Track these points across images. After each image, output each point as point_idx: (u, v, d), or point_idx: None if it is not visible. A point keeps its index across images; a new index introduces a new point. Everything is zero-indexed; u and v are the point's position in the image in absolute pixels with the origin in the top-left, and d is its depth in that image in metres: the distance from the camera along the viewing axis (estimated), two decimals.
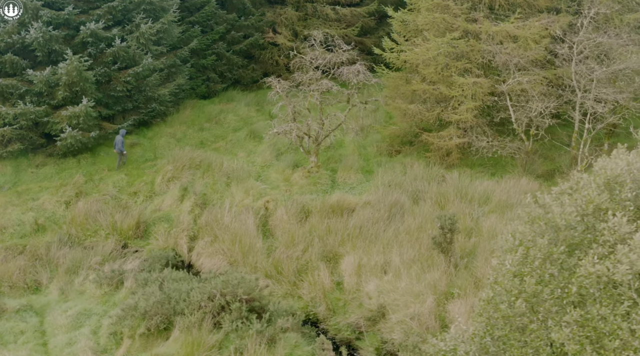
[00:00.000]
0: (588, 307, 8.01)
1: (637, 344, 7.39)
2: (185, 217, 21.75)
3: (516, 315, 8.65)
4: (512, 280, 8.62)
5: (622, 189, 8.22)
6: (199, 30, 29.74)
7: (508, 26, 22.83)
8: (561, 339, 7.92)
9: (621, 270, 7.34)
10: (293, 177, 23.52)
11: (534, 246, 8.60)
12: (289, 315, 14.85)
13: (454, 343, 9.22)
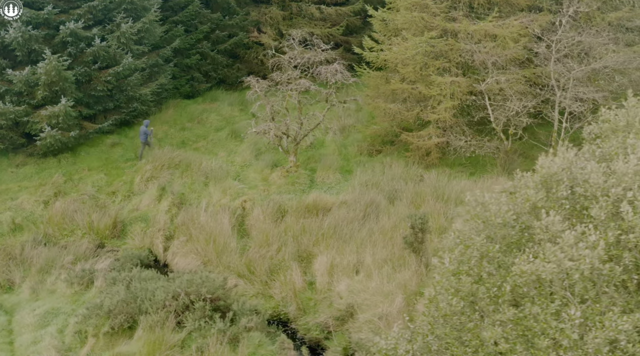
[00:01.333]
0: (522, 306, 7.96)
1: (567, 343, 7.32)
2: (162, 216, 21.73)
3: (454, 313, 8.59)
4: (450, 278, 8.56)
5: (558, 188, 8.16)
6: (182, 29, 29.71)
7: (487, 25, 22.76)
8: (493, 338, 7.86)
9: (548, 269, 7.28)
10: (271, 177, 23.49)
11: (472, 244, 8.55)
12: (253, 314, 14.79)
13: (395, 342, 9.16)
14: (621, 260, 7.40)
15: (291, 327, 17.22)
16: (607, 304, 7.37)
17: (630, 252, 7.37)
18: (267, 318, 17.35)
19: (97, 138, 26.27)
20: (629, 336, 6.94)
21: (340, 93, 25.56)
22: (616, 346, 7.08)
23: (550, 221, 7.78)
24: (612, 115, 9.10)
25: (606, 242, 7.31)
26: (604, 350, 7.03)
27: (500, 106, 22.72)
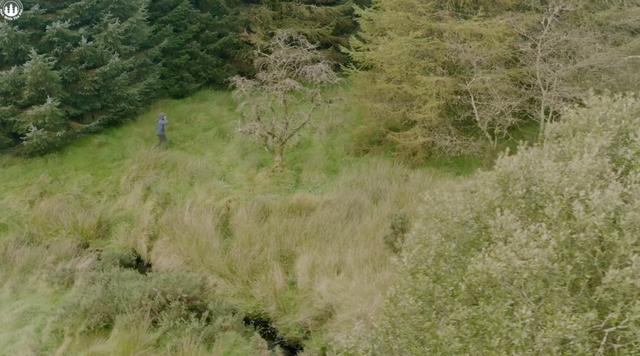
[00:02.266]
0: (477, 305, 7.93)
1: (517, 342, 7.29)
2: (147, 216, 21.73)
3: (412, 313, 8.56)
4: (407, 277, 8.54)
5: (515, 186, 8.13)
6: (171, 29, 29.69)
7: (473, 24, 22.71)
8: (447, 337, 7.84)
9: (497, 268, 7.25)
10: (257, 177, 23.48)
11: (430, 244, 8.52)
12: (229, 313, 14.77)
13: (355, 341, 9.13)
14: (573, 259, 7.37)
15: (271, 327, 17.22)
16: (559, 303, 7.34)
17: (582, 251, 7.34)
18: (248, 318, 17.41)
19: (84, 138, 26.26)
20: (578, 336, 6.90)
21: (328, 93, 25.53)
22: (567, 346, 7.04)
23: (504, 220, 7.74)
24: (573, 114, 9.06)
25: (557, 241, 7.27)
26: (554, 349, 6.99)
27: (485, 106, 22.67)
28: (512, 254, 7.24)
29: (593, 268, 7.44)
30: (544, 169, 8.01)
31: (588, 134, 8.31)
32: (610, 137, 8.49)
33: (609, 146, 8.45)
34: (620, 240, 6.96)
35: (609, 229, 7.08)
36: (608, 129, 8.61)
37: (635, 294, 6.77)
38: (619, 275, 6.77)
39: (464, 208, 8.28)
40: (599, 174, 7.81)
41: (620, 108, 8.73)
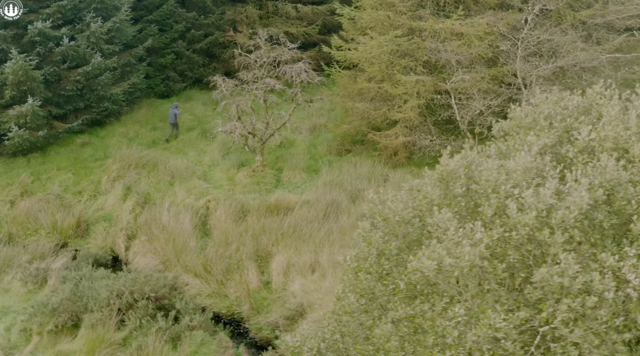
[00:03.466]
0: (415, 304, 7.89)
1: (451, 341, 7.25)
2: (126, 216, 21.70)
3: (353, 311, 8.53)
4: (349, 276, 8.50)
5: (455, 185, 8.09)
6: (156, 29, 29.67)
7: (453, 23, 22.64)
8: (384, 335, 7.80)
9: (428, 266, 7.21)
10: (237, 176, 23.45)
11: (372, 242, 8.48)
12: (196, 313, 14.74)
13: (301, 340, 9.10)
14: (506, 258, 7.32)
15: (244, 326, 17.20)
16: (493, 302, 7.30)
17: (517, 250, 7.29)
18: (222, 317, 17.41)
19: (67, 138, 26.26)
20: (508, 335, 6.85)
21: (314, 92, 25.47)
22: (498, 345, 7.00)
23: (440, 218, 7.70)
24: (519, 112, 9.01)
25: (491, 239, 7.22)
26: (484, 348, 6.95)
27: (465, 105, 22.62)
28: (443, 252, 7.19)
29: (529, 267, 7.40)
30: (483, 167, 7.97)
31: (531, 132, 8.26)
32: (555, 135, 8.44)
33: (553, 144, 8.41)
34: (551, 238, 6.91)
35: (540, 227, 7.03)
36: (553, 127, 8.56)
37: (564, 293, 6.72)
38: (547, 273, 6.72)
39: (404, 207, 8.24)
40: (537, 172, 7.76)
41: (566, 107, 8.68)
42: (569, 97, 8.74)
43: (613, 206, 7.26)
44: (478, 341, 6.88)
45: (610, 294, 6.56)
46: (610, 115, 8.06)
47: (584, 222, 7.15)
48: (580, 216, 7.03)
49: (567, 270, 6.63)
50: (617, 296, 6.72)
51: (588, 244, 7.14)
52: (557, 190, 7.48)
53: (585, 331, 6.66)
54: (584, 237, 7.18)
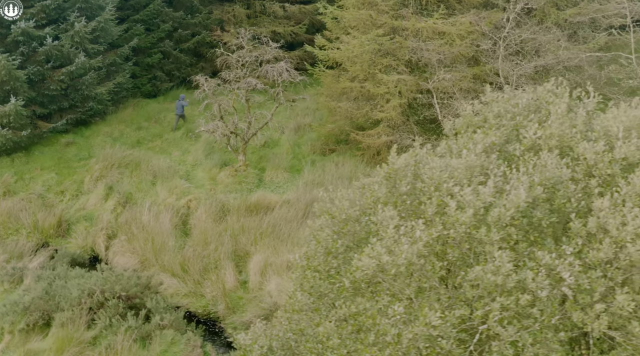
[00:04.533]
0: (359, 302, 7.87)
1: (390, 339, 7.22)
2: (107, 215, 21.70)
3: (302, 309, 8.51)
4: (298, 274, 8.49)
5: (401, 183, 8.07)
6: (142, 28, 29.66)
7: (436, 22, 22.59)
8: (327, 333, 7.78)
9: (367, 264, 7.18)
10: (219, 176, 23.43)
11: (320, 240, 8.47)
12: (167, 312, 14.73)
13: (253, 338, 9.09)
14: (446, 256, 7.30)
15: (219, 326, 17.19)
16: (434, 300, 7.27)
17: (455, 248, 7.26)
18: (198, 317, 17.41)
19: (52, 138, 26.29)
20: (444, 333, 6.83)
21: (294, 91, 25.44)
22: (435, 343, 6.97)
23: (383, 216, 7.68)
24: (469, 109, 8.98)
25: (430, 237, 7.20)
26: (421, 346, 6.92)
27: (447, 104, 22.58)
28: (382, 250, 7.17)
29: (470, 266, 7.37)
30: (430, 166, 7.95)
31: (479, 131, 8.23)
32: (504, 133, 8.42)
33: (502, 142, 8.38)
34: (487, 236, 6.89)
35: (478, 226, 7.00)
36: (503, 125, 8.53)
37: (498, 291, 6.69)
38: (482, 271, 6.70)
39: (350, 205, 8.22)
40: (481, 170, 7.74)
41: (516, 105, 8.65)
42: (520, 95, 8.72)
43: (553, 204, 7.23)
44: (415, 339, 6.85)
45: (544, 293, 6.53)
46: (557, 113, 8.03)
47: (523, 220, 7.12)
48: (518, 214, 7.00)
49: (501, 268, 6.60)
50: (553, 295, 6.69)
51: (527, 242, 7.11)
52: (499, 189, 7.46)
53: (519, 329, 6.63)
54: (523, 235, 7.15)
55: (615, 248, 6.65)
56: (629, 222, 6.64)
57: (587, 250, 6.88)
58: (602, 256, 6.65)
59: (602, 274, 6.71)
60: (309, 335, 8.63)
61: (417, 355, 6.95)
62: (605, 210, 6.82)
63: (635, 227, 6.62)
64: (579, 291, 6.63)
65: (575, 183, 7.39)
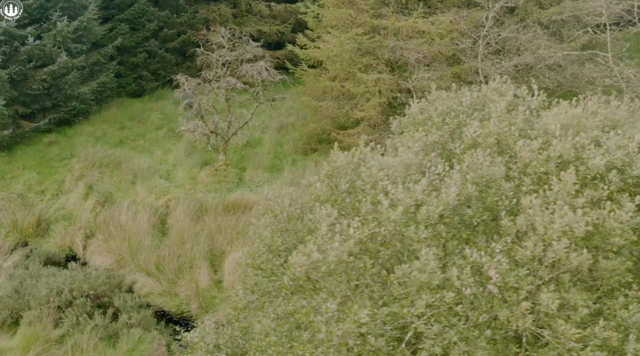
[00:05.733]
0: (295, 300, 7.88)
1: (324, 336, 7.22)
2: (86, 215, 21.73)
3: (246, 307, 8.52)
4: (240, 272, 8.50)
5: (340, 181, 8.07)
6: (126, 27, 29.65)
7: (416, 21, 22.57)
8: (264, 331, 7.79)
9: (299, 261, 7.19)
10: (199, 176, 23.44)
11: (262, 238, 8.47)
12: (134, 310, 14.74)
13: (200, 336, 9.10)
14: (379, 254, 7.29)
15: (192, 325, 17.18)
16: (368, 298, 7.27)
17: (385, 245, 7.25)
18: (172, 316, 17.44)
19: (35, 137, 26.32)
20: (372, 330, 6.83)
21: (276, 91, 25.41)
22: (365, 341, 6.97)
23: (320, 214, 7.68)
24: (414, 108, 8.98)
25: (362, 235, 7.20)
26: (351, 343, 6.92)
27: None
28: (314, 248, 7.18)
29: (404, 263, 7.36)
30: (369, 164, 7.95)
31: (420, 129, 8.23)
32: (447, 131, 8.42)
33: (444, 141, 8.38)
34: (416, 234, 6.89)
35: (408, 223, 7.00)
36: (446, 124, 8.53)
37: (424, 289, 6.69)
38: (408, 269, 6.70)
39: (291, 203, 8.22)
40: (418, 168, 7.73)
41: (460, 103, 8.65)
42: (464, 93, 8.71)
43: (485, 202, 7.22)
44: (344, 337, 6.85)
45: (468, 290, 6.52)
46: (497, 111, 8.03)
47: (454, 218, 7.12)
48: (448, 212, 6.99)
49: (426, 265, 6.60)
50: (480, 293, 6.69)
51: (458, 240, 7.10)
52: (435, 187, 7.45)
53: (445, 327, 6.63)
54: (455, 233, 7.15)
55: (542, 246, 6.64)
56: (556, 220, 6.63)
57: (517, 247, 6.87)
58: (529, 254, 6.64)
59: (530, 272, 6.71)
60: (254, 332, 8.64)
61: (348, 352, 6.95)
62: (533, 208, 6.81)
63: (562, 225, 6.61)
64: (506, 289, 6.62)
65: (510, 181, 7.38)
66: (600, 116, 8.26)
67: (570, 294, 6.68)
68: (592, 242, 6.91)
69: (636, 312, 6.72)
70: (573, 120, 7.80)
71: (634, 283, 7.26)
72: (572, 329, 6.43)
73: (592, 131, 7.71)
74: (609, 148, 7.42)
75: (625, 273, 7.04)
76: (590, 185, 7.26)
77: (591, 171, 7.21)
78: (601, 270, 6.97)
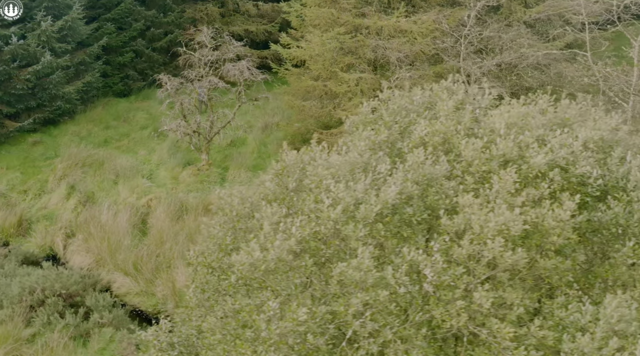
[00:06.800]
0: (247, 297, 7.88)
1: (266, 335, 7.21)
2: (68, 214, 21.76)
3: (198, 306, 8.53)
4: (191, 270, 8.50)
5: (287, 179, 8.07)
6: (112, 27, 29.64)
7: (399, 20, 22.57)
8: (210, 329, 7.80)
9: (239, 259, 7.19)
10: (182, 175, 23.46)
11: (213, 237, 8.48)
12: (106, 310, 14.75)
13: (155, 334, 9.09)
14: (320, 252, 7.29)
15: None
16: (307, 297, 7.27)
17: (326, 244, 7.25)
18: (149, 315, 17.47)
19: (19, 137, 26.34)
20: (311, 329, 6.83)
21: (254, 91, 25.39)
22: (305, 339, 6.97)
23: (265, 213, 7.68)
24: (365, 107, 8.98)
25: (303, 233, 7.19)
26: (290, 341, 6.92)
27: None
28: (256, 246, 7.18)
29: (345, 261, 7.36)
30: (316, 163, 7.95)
31: (368, 128, 8.23)
32: (397, 130, 8.42)
33: (394, 139, 8.38)
34: (354, 232, 6.88)
35: (347, 222, 7.00)
36: (397, 122, 8.53)
37: (360, 287, 6.68)
38: (345, 267, 6.70)
39: (240, 201, 8.22)
40: (364, 167, 7.73)
41: (412, 102, 8.64)
42: (416, 92, 8.70)
43: (426, 201, 7.22)
44: (283, 335, 6.85)
45: (402, 289, 6.52)
46: (444, 110, 8.03)
47: (394, 217, 7.12)
48: (387, 211, 6.99)
49: (362, 264, 6.60)
50: (416, 291, 6.68)
51: (398, 239, 7.10)
52: (379, 186, 7.45)
53: (383, 326, 6.63)
54: (396, 232, 7.14)
55: (476, 245, 6.63)
56: (492, 219, 6.63)
57: (455, 246, 6.86)
58: (464, 252, 6.64)
59: (466, 271, 6.70)
60: (203, 331, 8.64)
61: (289, 350, 6.95)
62: (470, 207, 6.81)
63: (497, 224, 6.60)
64: (442, 288, 6.62)
65: (453, 180, 7.38)
66: (550, 115, 8.26)
67: (507, 293, 6.68)
68: (530, 241, 6.91)
69: (574, 311, 6.72)
70: (519, 118, 7.80)
71: (575, 282, 7.27)
72: (507, 328, 6.42)
73: (538, 130, 7.70)
74: (553, 147, 7.41)
75: (565, 272, 7.04)
76: (532, 183, 7.26)
77: (533, 170, 7.20)
78: (541, 269, 6.96)
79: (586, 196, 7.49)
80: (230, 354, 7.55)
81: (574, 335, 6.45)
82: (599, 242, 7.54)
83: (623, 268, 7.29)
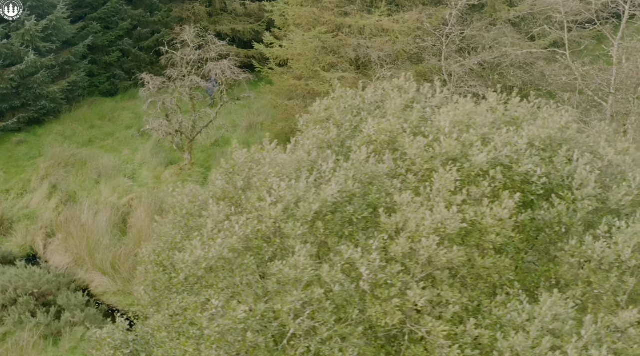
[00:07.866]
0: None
1: (210, 332, 7.22)
2: (49, 214, 21.78)
3: (149, 304, 8.55)
4: (141, 268, 8.51)
5: (236, 178, 8.09)
6: (98, 26, 29.62)
7: (381, 19, 22.57)
8: (156, 326, 7.81)
9: (181, 258, 7.20)
10: (164, 175, 23.46)
11: (163, 235, 8.49)
12: (77, 309, 14.76)
13: (109, 333, 9.11)
14: (262, 250, 7.30)
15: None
16: (249, 294, 7.29)
17: (267, 242, 7.27)
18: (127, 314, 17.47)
19: (3, 136, 26.34)
20: (250, 326, 6.84)
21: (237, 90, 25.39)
22: (245, 337, 6.99)
23: (212, 211, 7.69)
24: (317, 105, 8.99)
25: (245, 231, 7.21)
26: (230, 338, 6.94)
27: None
28: (198, 244, 7.19)
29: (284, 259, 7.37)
30: (264, 162, 7.96)
31: (317, 126, 8.24)
32: (348, 128, 8.43)
33: (344, 138, 8.39)
34: (293, 230, 6.90)
35: (287, 220, 7.01)
36: (347, 121, 8.54)
37: (296, 285, 6.70)
38: (282, 265, 6.71)
39: (190, 200, 8.24)
40: (309, 166, 7.75)
41: (363, 100, 8.66)
42: (367, 90, 8.72)
43: (367, 199, 7.23)
44: (223, 332, 6.87)
45: (337, 287, 6.53)
46: (392, 108, 8.04)
47: (336, 215, 7.13)
48: (327, 208, 7.00)
49: (298, 262, 6.61)
50: (352, 289, 6.70)
51: (339, 237, 7.11)
52: (322, 184, 7.46)
53: (322, 324, 6.64)
54: (338, 230, 7.16)
55: (412, 243, 6.64)
56: (428, 217, 6.64)
57: (393, 244, 6.87)
58: (400, 250, 6.65)
59: (403, 269, 6.71)
60: (156, 328, 8.65)
61: (229, 347, 6.97)
62: (407, 205, 6.82)
63: (433, 222, 6.61)
64: (378, 286, 6.63)
65: (396, 179, 7.39)
66: (499, 113, 8.27)
67: (444, 291, 6.69)
68: (469, 240, 6.92)
69: (512, 310, 6.72)
70: (464, 117, 7.80)
71: (518, 281, 7.28)
72: (441, 326, 6.43)
73: (483, 128, 7.71)
74: (497, 145, 7.42)
75: (506, 271, 7.05)
76: (474, 182, 7.27)
77: (475, 168, 7.21)
78: (480, 268, 6.97)
79: (531, 194, 7.50)
80: (175, 351, 7.57)
81: (509, 333, 6.46)
82: (544, 240, 7.55)
83: (566, 267, 7.30)
